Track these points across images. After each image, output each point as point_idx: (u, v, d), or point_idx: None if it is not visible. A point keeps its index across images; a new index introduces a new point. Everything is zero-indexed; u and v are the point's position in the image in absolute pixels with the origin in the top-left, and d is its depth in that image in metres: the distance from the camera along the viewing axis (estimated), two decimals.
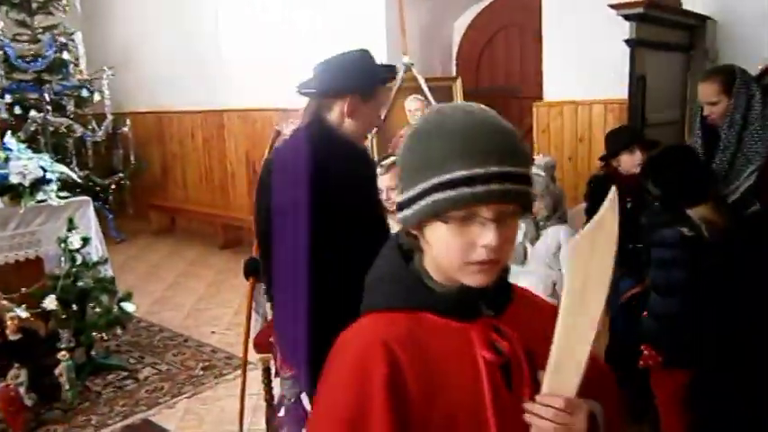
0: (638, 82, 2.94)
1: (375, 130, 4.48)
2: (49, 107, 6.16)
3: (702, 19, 3.41)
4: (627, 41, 2.90)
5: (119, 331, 3.74)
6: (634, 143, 2.83)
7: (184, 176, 7.27)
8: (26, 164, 3.56)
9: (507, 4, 5.15)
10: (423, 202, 0.90)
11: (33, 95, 6.21)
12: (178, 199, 7.32)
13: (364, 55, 1.97)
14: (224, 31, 6.38)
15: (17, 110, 6.13)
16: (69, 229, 3.53)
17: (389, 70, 2.10)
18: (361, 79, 1.93)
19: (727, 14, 3.45)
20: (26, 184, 3.54)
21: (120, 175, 6.73)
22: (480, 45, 5.36)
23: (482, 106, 0.94)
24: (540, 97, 4.46)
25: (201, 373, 3.63)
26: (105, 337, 3.62)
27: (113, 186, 6.69)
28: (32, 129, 5.97)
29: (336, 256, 1.78)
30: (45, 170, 3.64)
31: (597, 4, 3.60)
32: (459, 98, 4.50)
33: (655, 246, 2.27)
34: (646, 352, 2.24)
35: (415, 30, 5.13)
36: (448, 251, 0.91)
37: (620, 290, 2.73)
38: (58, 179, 3.84)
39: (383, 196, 2.71)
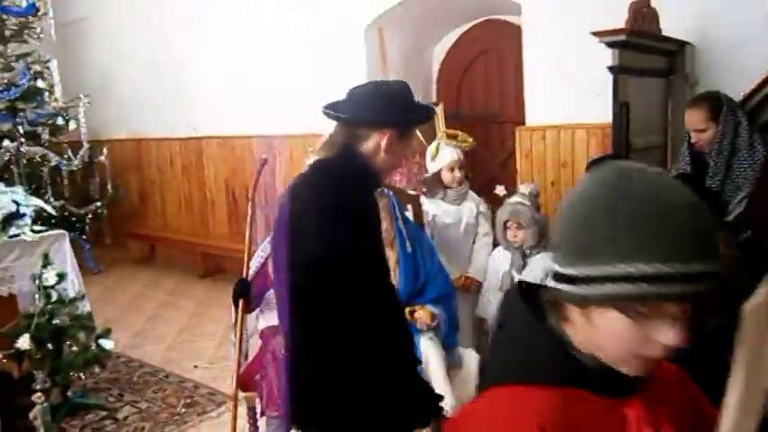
0: (621, 108, 2.94)
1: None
2: (23, 137, 6.04)
3: (681, 44, 3.44)
4: (610, 68, 2.91)
5: (97, 369, 3.59)
6: None
7: (163, 204, 7.16)
8: None
9: (486, 30, 5.17)
10: (604, 288, 0.79)
11: (7, 125, 6.09)
12: (157, 227, 7.20)
13: (406, 89, 1.85)
14: (201, 57, 6.33)
15: None
16: (44, 265, 3.42)
17: (428, 111, 1.97)
18: (404, 115, 1.81)
19: (705, 39, 3.49)
20: None
21: (98, 204, 6.59)
22: (460, 70, 5.37)
23: (672, 179, 0.84)
24: (520, 122, 4.46)
25: (184, 410, 3.52)
26: (82, 376, 3.49)
27: (90, 216, 6.55)
28: (6, 158, 5.84)
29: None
30: (18, 204, 3.54)
31: (578, 29, 3.63)
32: (441, 122, 4.48)
33: None
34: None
35: (395, 55, 5.13)
36: (619, 341, 0.82)
37: None
38: (33, 212, 3.74)
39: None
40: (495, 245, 3.16)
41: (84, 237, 6.58)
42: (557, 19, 4.04)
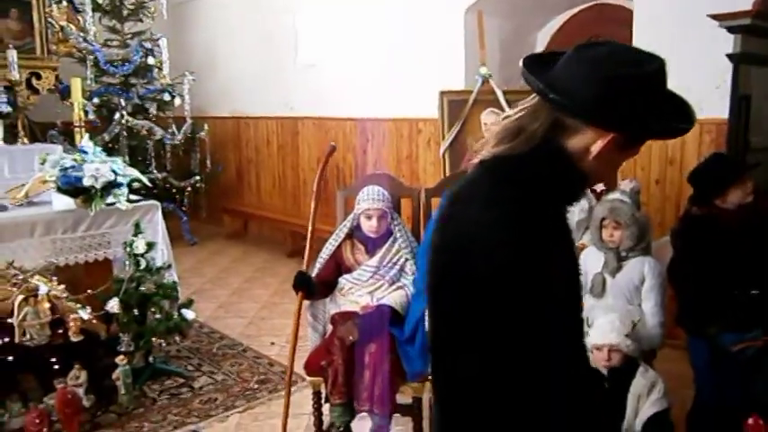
0: (740, 101, 2.63)
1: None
2: (133, 110, 6.36)
3: None
4: (729, 56, 2.60)
5: (177, 338, 3.70)
6: (742, 173, 2.50)
7: (258, 182, 7.33)
8: (99, 167, 3.61)
9: (594, 14, 4.85)
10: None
11: (120, 99, 6.43)
12: (251, 204, 7.39)
13: (661, 74, 1.17)
14: (301, 38, 6.38)
15: (104, 112, 6.38)
16: (135, 234, 3.55)
17: (687, 117, 1.20)
18: (647, 117, 1.13)
19: None
20: (98, 186, 3.59)
21: (197, 178, 6.84)
22: None
23: None
24: None
25: (256, 386, 3.56)
26: (164, 343, 3.61)
27: (189, 189, 6.81)
28: (116, 131, 6.16)
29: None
30: (116, 174, 3.68)
31: (695, 13, 3.30)
32: None
33: None
34: (751, 421, 1.91)
35: (495, 41, 4.92)
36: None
37: (720, 344, 2.41)
38: (133, 182, 3.89)
39: None
40: None
41: (183, 209, 6.85)
42: (673, 1, 3.69)
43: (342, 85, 5.90)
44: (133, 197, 3.95)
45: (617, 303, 2.64)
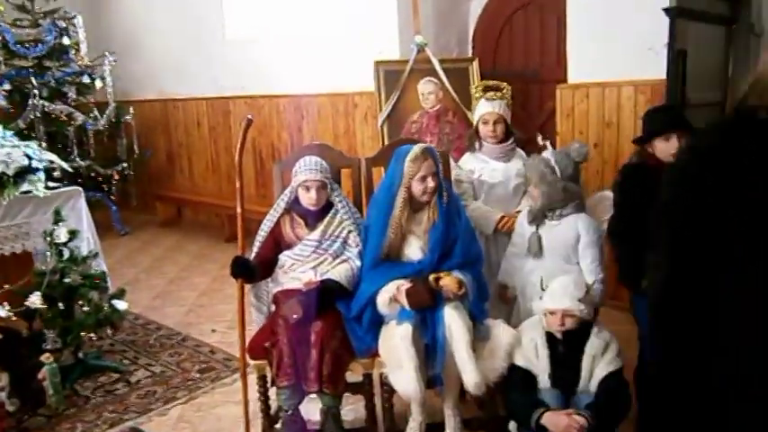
0: (677, 56, 2.61)
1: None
2: (49, 95, 5.94)
3: None
4: (666, 10, 2.58)
5: (109, 331, 3.47)
6: (671, 129, 2.43)
7: (191, 166, 7.04)
8: (10, 152, 3.32)
9: None
10: None
11: (33, 82, 5.99)
12: (185, 189, 7.09)
13: None
14: (228, 13, 6.11)
15: (17, 97, 5.94)
16: (56, 222, 3.28)
17: None
18: None
19: None
20: (9, 173, 3.30)
21: (124, 165, 6.48)
22: (498, 25, 5.02)
23: None
24: (561, 80, 4.13)
25: (198, 376, 3.38)
26: (95, 338, 3.37)
27: (116, 177, 6.45)
28: (31, 116, 5.75)
29: None
30: (31, 158, 3.40)
31: None
32: (476, 80, 4.18)
33: None
34: None
35: (429, 8, 4.81)
36: None
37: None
38: (52, 169, 3.61)
39: (429, 185, 2.44)
40: None
41: (111, 198, 6.50)
42: None
43: (273, 60, 5.69)
44: (52, 184, 3.68)
45: (555, 263, 2.61)
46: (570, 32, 3.95)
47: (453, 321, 2.32)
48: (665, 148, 2.43)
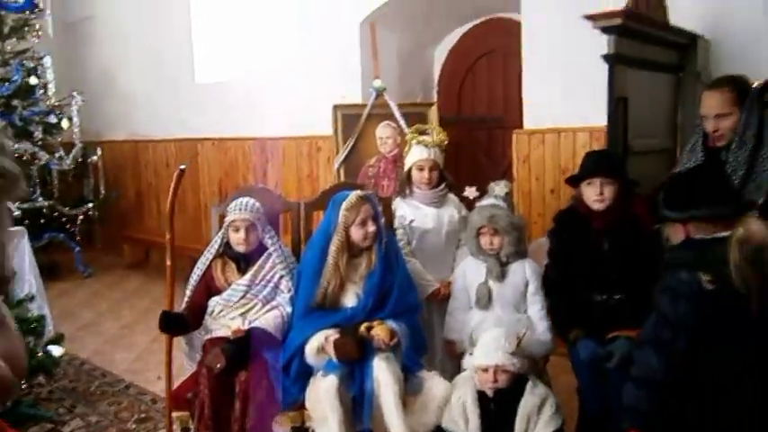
0: (617, 103, 2.59)
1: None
2: (14, 134, 5.88)
3: (693, 37, 3.08)
4: (605, 57, 2.57)
5: (41, 379, 3.33)
6: (593, 174, 2.40)
7: (159, 207, 6.95)
8: None
9: (490, 28, 4.86)
10: None
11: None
12: (152, 231, 6.97)
13: None
14: (198, 57, 6.14)
15: None
16: None
17: None
18: None
19: (719, 32, 3.12)
20: None
21: (89, 205, 6.39)
22: (462, 71, 5.06)
23: None
24: (522, 126, 4.12)
25: (133, 426, 3.23)
26: (24, 385, 3.22)
27: (81, 218, 6.35)
28: None
29: None
30: None
31: (578, 20, 3.30)
32: (435, 125, 4.16)
33: (661, 291, 1.81)
34: None
35: (393, 54, 4.85)
36: None
37: (579, 353, 2.31)
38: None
39: (368, 229, 2.38)
40: None
41: (75, 239, 6.38)
42: (557, 8, 3.70)
43: (240, 103, 5.68)
44: None
45: (505, 313, 2.53)
46: (525, 78, 3.96)
47: (382, 373, 2.23)
48: (588, 192, 2.40)
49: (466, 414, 2.19)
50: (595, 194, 2.36)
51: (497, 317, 2.52)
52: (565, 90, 3.73)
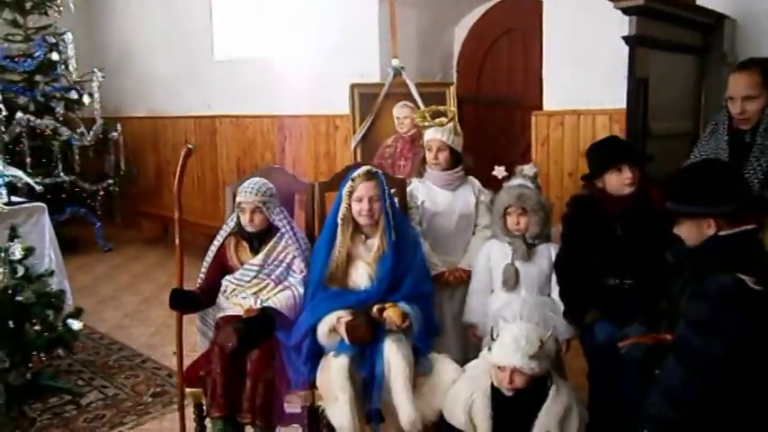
0: (638, 85, 2.54)
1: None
2: (36, 110, 5.94)
3: (719, 17, 2.99)
4: (625, 39, 2.51)
5: (61, 351, 3.39)
6: (621, 160, 2.37)
7: None
8: None
9: (511, 6, 4.78)
10: None
11: (22, 97, 6.02)
12: (171, 207, 7.01)
13: None
14: (217, 34, 6.12)
15: (3, 111, 5.94)
16: (11, 238, 3.23)
17: None
18: None
19: (747, 12, 3.03)
20: None
21: (110, 181, 6.46)
22: (482, 51, 4.98)
23: None
24: (542, 106, 4.06)
25: (150, 400, 3.29)
26: (45, 358, 3.29)
27: (102, 193, 6.42)
28: (17, 131, 5.75)
29: None
30: None
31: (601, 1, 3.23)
32: (452, 105, 4.12)
33: (698, 297, 1.71)
34: None
35: (412, 32, 4.79)
36: None
37: (596, 335, 2.28)
38: (11, 183, 3.58)
39: (364, 206, 2.37)
40: None
41: (96, 214, 6.47)
42: None
43: (259, 81, 5.67)
44: (16, 200, 3.64)
45: (530, 295, 2.53)
46: (546, 59, 3.89)
47: (393, 355, 2.23)
48: (619, 179, 2.36)
49: (473, 412, 2.12)
50: (628, 178, 2.33)
51: (523, 299, 2.51)
52: (585, 71, 3.66)
